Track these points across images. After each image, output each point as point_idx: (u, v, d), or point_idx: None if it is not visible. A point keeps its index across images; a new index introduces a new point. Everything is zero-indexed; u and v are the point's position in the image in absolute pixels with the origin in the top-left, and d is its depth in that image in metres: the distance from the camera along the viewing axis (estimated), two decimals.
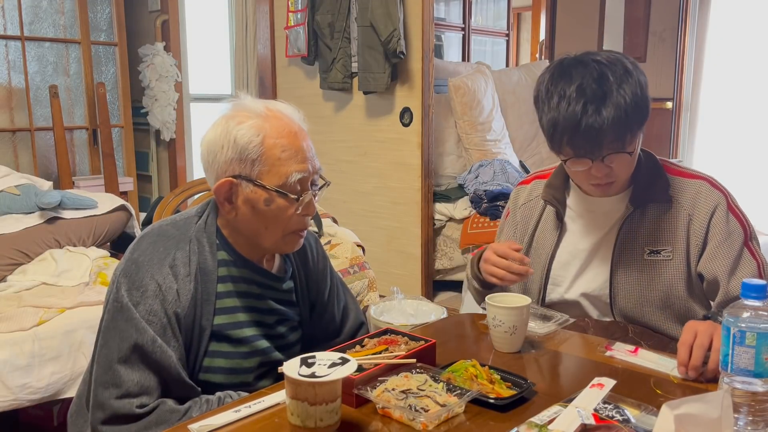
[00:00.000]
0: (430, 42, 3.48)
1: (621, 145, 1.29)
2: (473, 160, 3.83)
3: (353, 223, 3.71)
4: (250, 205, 1.18)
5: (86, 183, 3.56)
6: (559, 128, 1.29)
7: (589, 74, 1.28)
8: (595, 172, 1.32)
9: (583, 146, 1.29)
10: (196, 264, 1.18)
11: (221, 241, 1.23)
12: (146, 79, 3.94)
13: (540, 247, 1.53)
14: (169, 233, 1.21)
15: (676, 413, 0.82)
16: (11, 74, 3.47)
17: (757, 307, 0.92)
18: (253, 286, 1.25)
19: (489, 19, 5.69)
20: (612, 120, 1.25)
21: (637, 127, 1.31)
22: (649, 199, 1.40)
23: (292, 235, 1.22)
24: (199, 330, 1.18)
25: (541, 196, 1.53)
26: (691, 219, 1.38)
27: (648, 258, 1.40)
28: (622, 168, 1.35)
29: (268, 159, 1.15)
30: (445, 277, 3.76)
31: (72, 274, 2.31)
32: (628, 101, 1.26)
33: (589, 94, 1.26)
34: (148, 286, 1.14)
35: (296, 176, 1.16)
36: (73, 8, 3.66)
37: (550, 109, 1.31)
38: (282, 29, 4.04)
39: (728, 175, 4.29)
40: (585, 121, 1.25)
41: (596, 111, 1.25)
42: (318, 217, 2.81)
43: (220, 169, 1.18)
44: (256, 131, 1.15)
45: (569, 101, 1.27)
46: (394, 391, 1.01)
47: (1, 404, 1.88)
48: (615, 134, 1.27)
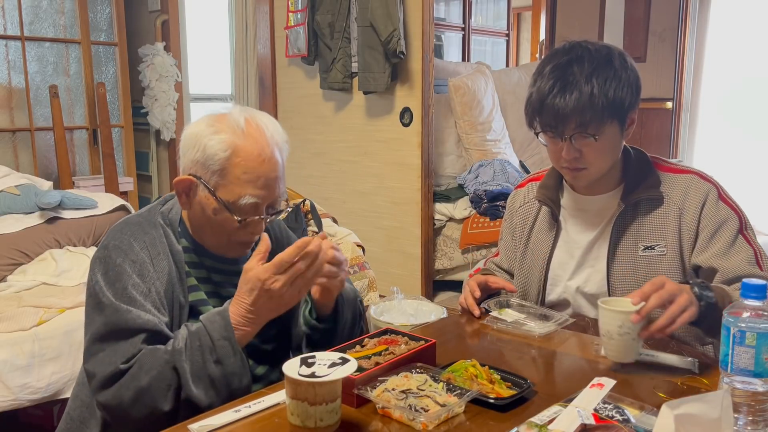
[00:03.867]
0: (430, 42, 3.48)
1: (584, 129, 1.33)
2: (473, 160, 3.83)
3: (353, 223, 3.71)
4: (201, 207, 1.22)
5: (86, 183, 3.56)
6: (530, 102, 1.38)
7: (569, 58, 1.35)
8: (565, 154, 1.36)
9: (548, 122, 1.36)
10: (166, 245, 1.22)
11: (183, 229, 1.27)
12: (146, 79, 3.94)
13: (537, 248, 1.55)
14: (135, 221, 1.25)
15: (676, 413, 0.82)
16: (11, 74, 3.47)
17: (757, 307, 0.92)
18: (213, 273, 1.28)
19: (489, 19, 5.69)
20: (574, 104, 1.30)
21: (607, 117, 1.33)
22: (640, 195, 1.42)
23: (237, 245, 1.26)
24: (179, 305, 1.21)
25: (535, 197, 1.55)
26: (682, 212, 1.39)
27: (643, 254, 1.41)
28: (592, 155, 1.36)
29: (227, 175, 1.18)
30: (445, 277, 3.76)
31: (72, 274, 2.31)
32: (596, 91, 1.30)
33: (559, 75, 1.33)
34: (123, 265, 1.17)
35: (249, 200, 1.18)
36: (73, 8, 3.66)
37: (531, 84, 1.39)
38: (282, 29, 4.04)
39: (728, 175, 4.30)
40: (549, 100, 1.33)
41: (561, 92, 1.32)
42: (318, 217, 2.81)
43: (186, 165, 1.22)
44: (225, 146, 1.17)
45: (543, 78, 1.35)
46: (394, 391, 1.01)
47: (1, 404, 1.89)
48: (578, 119, 1.32)
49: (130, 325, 1.11)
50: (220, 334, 1.11)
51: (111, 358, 1.10)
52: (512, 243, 1.63)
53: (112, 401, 1.09)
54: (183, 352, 1.10)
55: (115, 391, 1.09)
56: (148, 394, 1.08)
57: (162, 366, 1.09)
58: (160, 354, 1.10)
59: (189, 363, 1.09)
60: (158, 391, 1.08)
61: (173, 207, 1.28)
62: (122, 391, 1.08)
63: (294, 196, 2.78)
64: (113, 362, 1.10)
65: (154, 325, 1.13)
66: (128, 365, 1.09)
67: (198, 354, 1.10)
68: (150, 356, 1.10)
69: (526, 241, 1.57)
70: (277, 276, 1.10)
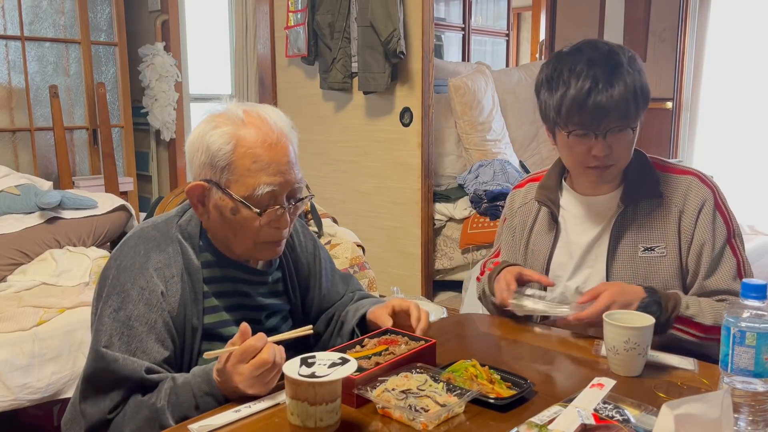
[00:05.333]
0: (430, 42, 3.48)
1: (625, 122, 1.32)
2: (473, 160, 3.83)
3: (353, 223, 3.71)
4: (218, 211, 1.16)
5: (86, 183, 3.56)
6: (568, 100, 1.32)
7: (600, 51, 1.34)
8: (596, 151, 1.34)
9: (585, 120, 1.32)
10: (181, 264, 1.17)
11: (204, 242, 1.22)
12: (146, 79, 3.94)
13: (537, 249, 1.54)
14: (150, 235, 1.19)
15: (676, 413, 0.82)
16: (11, 74, 3.47)
17: (757, 307, 0.92)
18: (239, 284, 1.24)
19: (489, 19, 5.69)
20: (619, 97, 1.29)
21: (642, 110, 1.35)
22: (640, 196, 1.42)
23: (265, 245, 1.19)
24: (191, 330, 1.17)
25: (534, 198, 1.55)
26: (681, 215, 1.40)
27: (642, 255, 1.41)
28: (621, 150, 1.36)
29: (237, 168, 1.13)
30: (445, 277, 3.76)
31: (72, 274, 2.31)
32: (636, 83, 1.32)
33: (600, 66, 1.31)
34: (130, 291, 1.12)
35: (264, 189, 1.12)
36: (73, 8, 3.66)
37: (559, 84, 1.34)
38: (282, 29, 4.04)
39: (728, 175, 4.31)
40: (594, 97, 1.29)
41: (605, 86, 1.29)
42: (318, 217, 2.81)
43: (195, 171, 1.18)
44: (227, 138, 1.13)
45: (579, 74, 1.31)
46: (394, 391, 1.01)
47: (1, 404, 1.89)
48: (621, 110, 1.30)
49: (116, 376, 1.08)
50: (202, 390, 1.07)
51: (99, 405, 1.09)
52: (513, 243, 1.62)
53: None
54: (166, 410, 1.06)
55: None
56: None
57: (142, 422, 1.06)
58: (142, 409, 1.07)
59: (174, 418, 1.06)
60: None
61: (191, 219, 1.22)
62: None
63: None
64: (102, 410, 1.09)
65: (140, 376, 1.08)
66: (113, 415, 1.08)
67: (184, 407, 1.07)
68: (133, 408, 1.08)
69: (526, 242, 1.57)
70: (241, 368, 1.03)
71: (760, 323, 0.91)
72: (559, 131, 1.39)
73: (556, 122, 1.37)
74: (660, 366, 1.19)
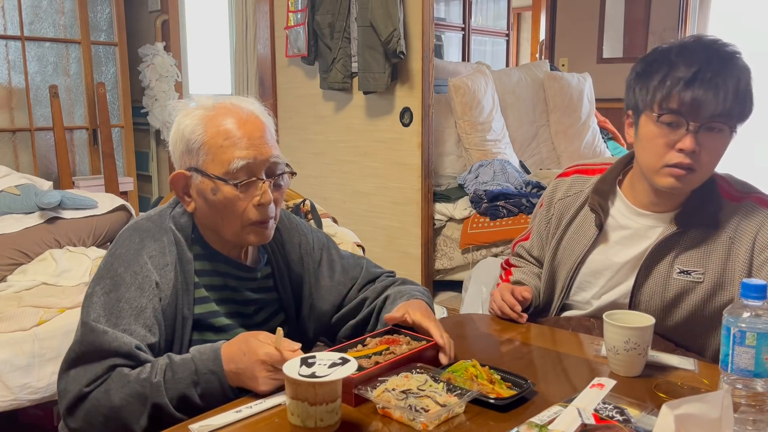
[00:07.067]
0: (430, 42, 3.48)
1: (725, 121, 1.24)
2: (473, 160, 3.83)
3: (353, 223, 3.71)
4: (202, 197, 1.18)
5: (86, 183, 3.56)
6: (671, 78, 1.23)
7: (716, 43, 1.27)
8: (683, 145, 1.24)
9: (688, 105, 1.22)
10: (175, 254, 1.19)
11: (195, 235, 1.24)
12: (146, 79, 3.94)
13: (570, 248, 1.47)
14: (145, 226, 1.22)
15: (676, 413, 0.82)
16: (11, 74, 3.47)
17: (757, 307, 0.92)
18: (228, 279, 1.25)
19: (489, 19, 5.69)
20: (730, 90, 1.22)
21: (745, 115, 1.27)
22: (695, 223, 1.34)
23: (253, 227, 1.19)
24: (181, 319, 1.18)
25: (588, 204, 1.45)
26: (732, 242, 1.32)
27: (677, 277, 1.34)
28: (709, 155, 1.26)
29: (210, 147, 1.15)
30: (445, 277, 3.76)
31: (72, 274, 2.31)
32: (748, 85, 1.25)
33: (716, 55, 1.24)
34: (123, 275, 1.14)
35: (239, 162, 1.14)
36: (73, 8, 3.66)
37: (663, 65, 1.25)
38: (282, 29, 4.04)
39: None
40: (702, 79, 1.21)
41: (717, 73, 1.21)
42: (318, 217, 2.81)
43: (178, 164, 1.21)
44: (198, 120, 1.17)
45: (691, 55, 1.24)
46: (394, 391, 1.01)
47: (1, 404, 1.88)
48: (726, 106, 1.22)
49: (104, 347, 1.07)
50: (207, 367, 1.07)
51: (80, 378, 1.08)
52: (545, 233, 1.55)
53: (83, 425, 1.07)
54: (161, 386, 1.05)
55: (84, 416, 1.07)
56: (117, 419, 1.05)
57: (130, 396, 1.05)
58: (131, 382, 1.05)
59: (169, 395, 1.05)
60: (129, 417, 1.05)
61: (184, 211, 1.24)
62: (90, 416, 1.06)
63: (294, 196, 2.77)
64: (79, 383, 1.07)
65: (129, 349, 1.07)
66: (90, 388, 1.07)
67: (181, 385, 1.06)
68: (118, 381, 1.06)
69: (560, 237, 1.50)
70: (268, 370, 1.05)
71: (760, 323, 0.91)
72: (647, 117, 1.28)
73: (649, 105, 1.27)
74: (660, 366, 1.19)
